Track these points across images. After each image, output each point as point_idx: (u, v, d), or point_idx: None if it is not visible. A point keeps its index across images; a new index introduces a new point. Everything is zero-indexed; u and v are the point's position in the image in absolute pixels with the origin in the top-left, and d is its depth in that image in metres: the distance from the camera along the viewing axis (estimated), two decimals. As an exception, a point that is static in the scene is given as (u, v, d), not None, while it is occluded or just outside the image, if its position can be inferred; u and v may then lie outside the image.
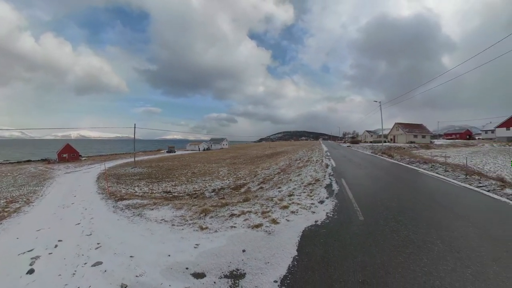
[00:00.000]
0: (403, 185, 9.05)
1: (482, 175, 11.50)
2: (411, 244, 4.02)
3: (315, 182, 9.42)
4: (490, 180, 10.10)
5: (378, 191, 7.93)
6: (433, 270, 3.26)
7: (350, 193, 7.50)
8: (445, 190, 8.42)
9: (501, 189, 8.58)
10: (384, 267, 3.30)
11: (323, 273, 3.13)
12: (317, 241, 4.13)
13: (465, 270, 3.25)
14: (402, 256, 3.61)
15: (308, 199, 7.00)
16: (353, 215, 5.47)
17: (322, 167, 13.94)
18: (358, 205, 6.24)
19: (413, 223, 4.94)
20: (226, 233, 4.77)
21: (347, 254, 3.65)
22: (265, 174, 17.93)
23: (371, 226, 4.82)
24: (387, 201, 6.70)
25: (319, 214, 5.61)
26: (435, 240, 4.17)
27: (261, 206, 6.52)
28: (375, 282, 2.96)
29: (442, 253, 3.72)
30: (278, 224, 5.06)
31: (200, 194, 13.89)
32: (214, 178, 19.91)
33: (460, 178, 10.64)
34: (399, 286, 2.91)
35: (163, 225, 5.96)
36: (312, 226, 4.84)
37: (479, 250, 3.82)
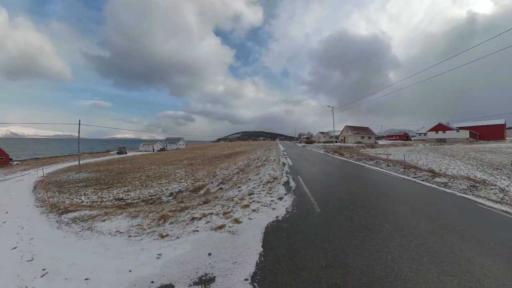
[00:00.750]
0: (353, 179, 10.32)
1: (417, 168, 13.69)
2: (364, 228, 4.64)
3: (274, 180, 9.77)
4: (423, 172, 12.20)
5: (331, 185, 8.80)
6: (384, 247, 3.86)
7: (306, 188, 8.14)
8: (388, 181, 9.96)
9: (432, 178, 10.63)
10: (343, 250, 3.74)
11: (289, 264, 3.37)
12: (280, 236, 4.35)
13: (409, 244, 3.99)
14: (357, 239, 4.14)
15: (268, 197, 7.20)
16: (311, 208, 5.95)
17: (280, 165, 14.57)
18: (314, 199, 6.79)
19: (363, 211, 5.70)
20: (189, 238, 4.57)
21: (309, 244, 3.98)
22: (224, 175, 17.78)
23: (327, 216, 5.32)
24: (339, 193, 7.49)
25: (279, 210, 5.86)
26: (382, 222, 4.93)
27: (222, 207, 6.46)
28: (337, 264, 3.34)
29: (389, 232, 4.45)
30: (240, 223, 5.10)
31: (157, 199, 13.01)
32: (171, 180, 18.89)
33: (399, 171, 12.76)
34: (358, 264, 3.35)
35: (118, 237, 5.37)
36: (274, 222, 5.06)
37: (419, 227, 4.72)
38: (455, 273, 3.13)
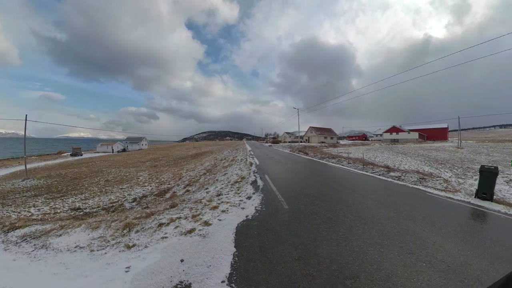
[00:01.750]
0: (317, 176, 10.91)
1: (374, 164, 14.99)
2: (329, 220, 4.96)
3: (241, 180, 9.80)
4: (380, 168, 13.43)
5: (298, 183, 9.17)
6: (349, 235, 4.19)
7: (273, 186, 8.34)
8: (349, 177, 10.80)
9: (387, 173, 11.90)
10: (312, 242, 3.93)
11: (263, 261, 3.42)
12: (251, 234, 4.40)
13: (371, 230, 4.42)
14: (324, 231, 4.39)
15: (236, 197, 7.19)
16: (279, 205, 6.11)
17: (247, 165, 14.68)
18: (282, 196, 6.99)
19: (328, 204, 6.09)
20: (158, 246, 4.29)
21: (280, 239, 4.09)
22: (191, 176, 17.21)
23: (295, 212, 5.54)
24: (305, 190, 7.85)
25: (248, 209, 5.91)
26: (346, 214, 5.36)
27: (190, 210, 6.24)
28: (308, 255, 3.51)
29: (353, 222, 4.86)
30: (211, 225, 5.00)
31: (119, 206, 11.95)
32: (134, 185, 17.52)
33: (359, 168, 13.90)
34: (327, 253, 3.58)
35: (79, 253, 4.74)
36: (244, 221, 5.09)
37: (378, 215, 5.26)
38: (412, 251, 3.62)
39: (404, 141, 67.69)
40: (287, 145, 53.65)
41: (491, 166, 6.77)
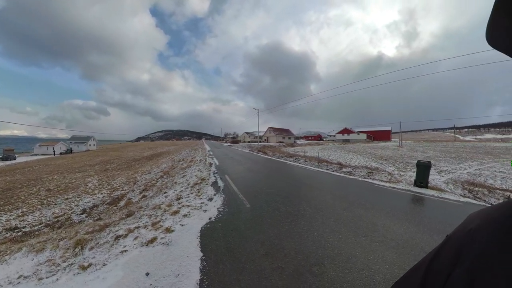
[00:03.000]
0: (276, 174, 11.38)
1: (328, 162, 16.08)
2: (290, 215, 5.22)
3: (201, 181, 9.57)
4: (333, 164, 14.45)
5: (258, 181, 9.41)
6: (310, 227, 4.48)
7: (234, 186, 8.37)
8: (306, 173, 11.60)
9: (340, 169, 13.10)
10: (277, 237, 4.09)
11: (232, 261, 3.42)
12: (216, 236, 4.34)
13: (329, 220, 4.81)
14: (286, 225, 4.61)
15: (197, 199, 6.99)
16: (241, 205, 6.17)
17: (206, 166, 14.36)
18: (243, 195, 7.09)
19: (288, 200, 6.42)
20: (119, 262, 3.86)
21: (246, 238, 4.14)
22: (147, 180, 16.03)
23: (257, 210, 5.66)
24: (266, 188, 8.10)
25: (211, 211, 5.81)
26: (305, 208, 5.71)
27: (149, 217, 5.81)
28: (275, 250, 3.65)
29: (312, 214, 5.21)
30: (173, 232, 4.75)
31: (66, 221, 10.28)
32: (82, 193, 15.34)
33: (315, 165, 14.94)
34: (292, 245, 3.76)
35: (24, 285, 3.96)
36: (208, 224, 4.99)
37: (334, 207, 5.75)
38: (366, 234, 4.08)
39: (354, 141, 75.95)
40: (247, 145, 54.30)
41: (426, 161, 8.27)
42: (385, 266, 3.11)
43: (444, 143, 54.43)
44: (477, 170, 13.60)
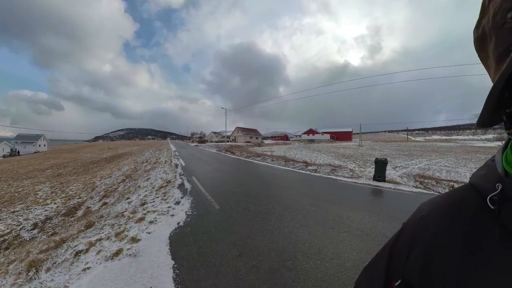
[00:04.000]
0: (245, 174, 11.48)
1: (295, 161, 16.64)
2: (260, 213, 5.30)
3: (167, 184, 9.16)
4: (299, 163, 15.00)
5: (226, 182, 9.36)
6: (280, 224, 4.61)
7: (202, 188, 8.19)
8: (274, 172, 11.90)
9: (306, 167, 13.62)
10: (249, 236, 4.12)
11: (206, 266, 3.32)
12: (187, 241, 4.19)
13: (298, 216, 5.02)
14: (257, 224, 4.66)
15: (163, 204, 6.67)
16: (210, 207, 6.05)
17: (172, 167, 13.83)
18: (212, 197, 6.97)
19: (257, 199, 6.50)
20: (82, 282, 3.43)
21: (217, 240, 4.09)
22: (107, 185, 14.73)
23: (227, 211, 5.62)
24: (234, 188, 8.09)
25: (179, 216, 5.59)
26: (275, 205, 5.85)
27: (112, 227, 5.32)
28: (248, 249, 3.67)
29: (282, 212, 5.37)
30: (140, 241, 4.41)
31: (15, 239, 8.79)
32: (32, 204, 13.28)
33: (282, 164, 15.35)
34: (264, 243, 3.83)
35: None
36: (177, 229, 4.78)
37: (302, 203, 6.01)
38: (333, 226, 4.36)
39: (318, 141, 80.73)
40: (214, 144, 53.52)
41: (383, 158, 9.29)
42: (353, 253, 3.36)
43: (399, 143, 62.02)
44: (426, 165, 15.39)
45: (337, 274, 2.91)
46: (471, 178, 0.50)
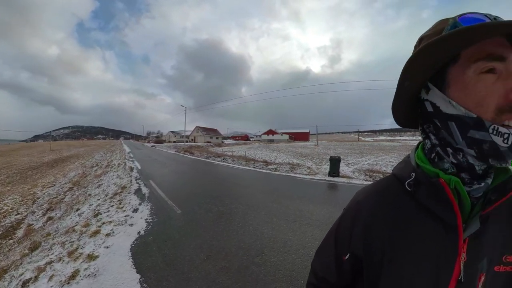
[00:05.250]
0: (205, 175, 11.37)
1: (255, 160, 17.03)
2: (224, 214, 5.35)
3: (122, 190, 8.53)
4: (260, 163, 15.41)
5: (186, 184, 9.21)
6: (244, 222, 4.73)
7: (161, 192, 7.85)
8: (235, 172, 12.07)
9: (266, 166, 14.07)
10: (214, 238, 4.11)
11: (175, 274, 3.19)
12: (150, 251, 3.95)
13: (260, 213, 5.22)
14: (222, 225, 4.70)
15: (120, 213, 6.15)
16: (171, 212, 5.84)
17: (127, 171, 12.87)
18: (172, 201, 6.73)
19: (219, 200, 6.52)
20: None
21: (183, 246, 3.97)
22: (51, 195, 12.77)
23: (189, 214, 5.50)
24: (195, 190, 7.99)
25: (138, 224, 5.24)
26: (237, 205, 5.95)
27: (63, 246, 4.64)
28: (215, 251, 3.67)
29: (245, 211, 5.50)
30: (98, 257, 3.97)
31: None
32: None
33: (242, 164, 15.59)
34: (231, 243, 3.89)
35: None
36: (138, 239, 4.46)
37: (264, 201, 6.24)
38: (295, 219, 4.68)
39: (278, 141, 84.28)
40: (172, 145, 50.96)
41: (337, 156, 10.26)
42: (316, 242, 3.65)
43: (351, 143, 68.88)
44: (374, 161, 17.10)
45: (303, 263, 3.14)
46: (393, 170, 0.67)
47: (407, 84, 0.53)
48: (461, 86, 0.46)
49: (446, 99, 0.48)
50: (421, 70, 0.50)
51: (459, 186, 0.48)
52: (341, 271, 0.70)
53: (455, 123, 0.47)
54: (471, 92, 0.44)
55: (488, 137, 0.43)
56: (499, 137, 0.42)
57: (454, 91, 0.47)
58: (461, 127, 0.46)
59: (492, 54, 0.42)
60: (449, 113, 0.47)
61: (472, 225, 0.48)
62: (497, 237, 0.50)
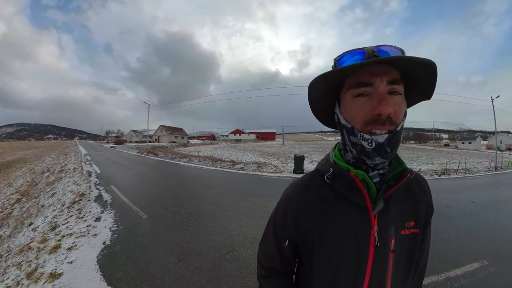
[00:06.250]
0: (171, 177, 11.25)
1: (222, 160, 17.08)
2: (192, 216, 5.39)
3: (81, 198, 7.88)
4: (227, 163, 15.56)
5: (151, 187, 8.90)
6: (213, 222, 4.88)
7: (124, 197, 7.47)
8: (201, 173, 12.10)
9: (233, 166, 14.39)
10: (184, 240, 4.16)
11: (148, 281, 3.13)
12: (119, 261, 3.75)
13: (229, 212, 5.48)
14: (191, 226, 4.75)
15: (81, 223, 5.68)
16: (137, 217, 5.63)
17: (84, 176, 11.88)
18: (137, 206, 6.47)
19: (187, 202, 6.53)
20: None
21: (153, 252, 3.89)
22: None
23: (155, 218, 5.41)
24: (161, 193, 7.83)
25: (103, 234, 4.91)
26: (205, 205, 6.07)
27: (19, 267, 4.08)
28: (186, 253, 3.71)
29: (213, 210, 5.67)
30: (62, 275, 3.62)
31: None
32: None
33: (209, 164, 15.62)
34: (201, 243, 3.98)
35: None
36: (104, 250, 4.19)
37: (231, 200, 6.58)
38: (262, 216, 5.00)
39: (245, 141, 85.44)
40: (134, 145, 47.13)
41: (301, 154, 11.06)
42: None
43: (315, 142, 73.12)
44: None
45: (273, 255, 3.46)
46: (317, 166, 0.79)
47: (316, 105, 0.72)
48: (344, 105, 0.64)
49: (340, 113, 0.66)
50: (322, 93, 0.66)
51: (366, 178, 0.63)
52: (283, 257, 0.81)
53: (345, 130, 0.65)
54: (348, 110, 0.62)
55: (359, 141, 0.60)
56: (365, 141, 0.58)
57: (342, 108, 0.65)
58: (346, 133, 0.64)
59: (360, 82, 0.57)
60: (342, 123, 0.65)
61: (378, 205, 0.63)
62: (399, 210, 0.68)
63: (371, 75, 0.56)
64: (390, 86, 0.56)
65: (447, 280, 3.10)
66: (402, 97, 0.59)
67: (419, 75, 0.58)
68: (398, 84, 0.57)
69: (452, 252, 3.87)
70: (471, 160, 24.14)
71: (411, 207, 0.71)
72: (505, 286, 3.03)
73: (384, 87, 0.55)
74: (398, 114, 0.57)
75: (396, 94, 0.57)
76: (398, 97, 0.58)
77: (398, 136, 0.59)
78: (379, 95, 0.55)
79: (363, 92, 0.57)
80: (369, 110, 0.56)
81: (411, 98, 0.66)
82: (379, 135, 0.56)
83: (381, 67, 0.55)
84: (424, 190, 0.76)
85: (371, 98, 0.56)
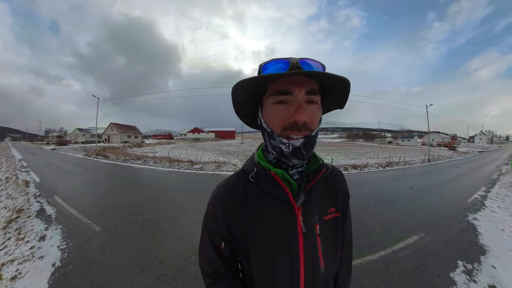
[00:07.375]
0: (124, 182, 10.45)
1: (180, 160, 16.69)
2: (151, 222, 5.24)
3: (19, 214, 6.82)
4: (185, 163, 15.33)
5: (102, 195, 8.22)
6: (173, 226, 4.84)
7: (72, 209, 6.75)
8: (157, 176, 11.58)
9: (192, 166, 14.31)
10: (145, 248, 4.05)
11: None
12: (75, 282, 3.41)
13: (189, 214, 5.48)
14: (150, 233, 4.64)
15: (22, 245, 4.94)
16: (89, 230, 5.20)
17: (20, 187, 10.31)
18: (87, 218, 5.95)
19: (143, 208, 6.27)
20: None
21: (111, 266, 3.67)
22: None
23: (110, 230, 5.06)
24: (114, 200, 7.30)
25: (51, 255, 4.38)
26: (164, 210, 5.95)
27: None
28: (148, 262, 3.63)
29: (172, 214, 5.61)
30: None
31: None
32: None
33: (166, 166, 15.13)
34: (163, 249, 3.95)
35: None
36: (55, 273, 3.76)
37: (191, 201, 6.53)
38: None
39: (204, 140, 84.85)
40: (81, 146, 41.02)
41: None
42: None
43: None
44: None
45: (238, 252, 3.62)
46: (243, 166, 0.84)
47: (240, 108, 0.76)
48: (265, 110, 0.68)
49: (261, 117, 0.71)
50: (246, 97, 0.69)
51: (285, 175, 0.69)
52: (224, 259, 0.82)
53: (266, 134, 0.70)
54: (268, 115, 0.66)
55: (278, 145, 0.65)
56: (283, 145, 0.64)
57: (264, 112, 0.69)
58: (267, 136, 0.69)
59: (281, 90, 0.61)
60: (263, 126, 0.70)
61: (300, 198, 0.70)
62: (320, 200, 0.76)
63: (291, 84, 0.60)
64: (308, 96, 0.62)
65: (393, 253, 3.80)
66: (318, 106, 0.66)
67: (335, 88, 0.65)
68: (315, 94, 0.63)
69: (395, 229, 4.77)
70: (409, 154, 29.21)
71: (330, 196, 0.80)
72: (440, 250, 3.89)
73: (302, 97, 0.61)
74: (314, 121, 0.63)
75: (313, 103, 0.63)
76: (315, 106, 0.64)
77: (313, 140, 0.65)
78: (297, 103, 0.60)
79: (283, 100, 0.62)
80: (287, 117, 0.62)
81: (327, 105, 0.75)
82: (295, 140, 0.62)
83: (302, 78, 0.60)
84: (340, 181, 0.87)
85: (290, 106, 0.62)
